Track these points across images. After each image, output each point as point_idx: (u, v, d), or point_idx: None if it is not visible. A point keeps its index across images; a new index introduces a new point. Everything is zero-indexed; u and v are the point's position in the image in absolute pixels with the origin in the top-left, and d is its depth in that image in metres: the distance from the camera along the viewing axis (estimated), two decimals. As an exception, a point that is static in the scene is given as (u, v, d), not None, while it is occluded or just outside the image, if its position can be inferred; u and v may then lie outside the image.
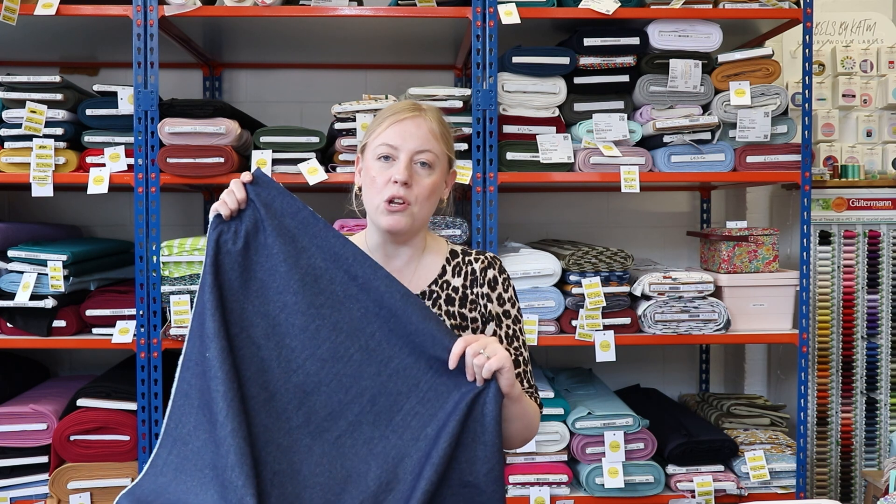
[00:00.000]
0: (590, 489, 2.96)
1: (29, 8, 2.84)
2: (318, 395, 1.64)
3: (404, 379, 1.64)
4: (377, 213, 1.76)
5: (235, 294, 1.65)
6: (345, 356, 1.65)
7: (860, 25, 3.76)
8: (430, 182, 1.75)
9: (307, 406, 1.63)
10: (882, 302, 3.41)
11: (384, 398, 1.64)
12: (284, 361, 1.65)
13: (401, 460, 1.61)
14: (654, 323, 2.98)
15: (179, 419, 1.62)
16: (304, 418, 1.63)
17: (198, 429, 1.59)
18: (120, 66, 3.60)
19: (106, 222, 3.64)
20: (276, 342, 1.65)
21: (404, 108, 1.77)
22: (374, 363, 1.65)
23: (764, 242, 3.13)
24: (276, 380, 1.63)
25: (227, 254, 1.66)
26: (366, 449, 1.62)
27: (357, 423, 1.63)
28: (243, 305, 1.65)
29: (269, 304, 1.66)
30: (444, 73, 3.74)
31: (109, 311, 2.93)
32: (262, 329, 1.65)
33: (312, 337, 1.65)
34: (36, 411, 2.91)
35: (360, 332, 1.65)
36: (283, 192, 1.69)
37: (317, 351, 1.65)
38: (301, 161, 2.91)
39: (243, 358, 1.63)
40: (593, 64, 3.00)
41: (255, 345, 1.64)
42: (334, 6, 2.93)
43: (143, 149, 2.87)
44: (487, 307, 1.83)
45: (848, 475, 3.43)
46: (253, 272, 1.67)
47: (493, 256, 1.88)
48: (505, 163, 2.95)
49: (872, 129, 3.62)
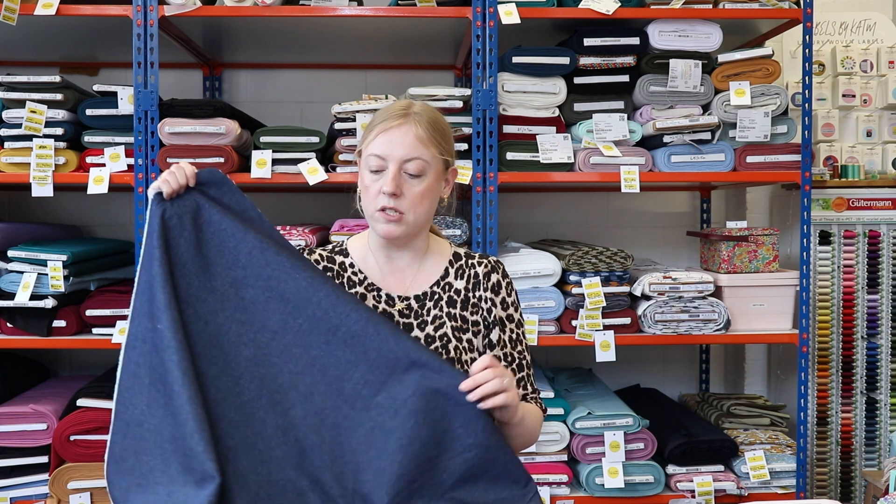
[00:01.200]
0: (590, 489, 2.96)
1: (29, 8, 2.84)
2: (270, 367, 1.63)
3: (352, 347, 1.62)
4: (373, 221, 1.77)
5: (182, 270, 1.64)
6: (293, 326, 1.64)
7: (860, 25, 3.76)
8: (421, 189, 1.75)
9: (259, 379, 1.62)
10: (882, 302, 3.41)
11: (334, 368, 1.63)
12: (234, 335, 1.64)
13: (353, 431, 1.60)
14: (654, 323, 2.98)
15: (129, 401, 1.59)
16: (256, 391, 1.62)
17: (151, 406, 1.57)
18: (120, 66, 3.60)
19: (106, 222, 3.64)
20: (226, 317, 1.64)
21: (392, 115, 1.76)
22: (322, 332, 1.63)
23: (764, 242, 3.13)
24: (226, 354, 1.62)
25: (171, 229, 1.65)
26: (317, 420, 1.61)
27: (308, 394, 1.62)
28: (189, 281, 1.64)
29: (217, 280, 1.65)
30: (444, 73, 3.74)
31: (109, 311, 2.93)
32: (211, 304, 1.64)
33: (262, 309, 1.65)
34: (36, 411, 2.91)
35: (307, 302, 1.64)
36: (228, 181, 1.71)
37: (267, 323, 1.64)
38: (301, 161, 2.91)
39: (191, 334, 1.61)
40: (593, 64, 3.00)
41: (203, 320, 1.63)
42: (334, 6, 2.93)
43: (143, 149, 2.87)
44: (491, 312, 1.83)
45: (848, 475, 3.43)
46: (199, 248, 1.66)
47: (496, 260, 1.88)
48: (505, 163, 2.95)
49: (872, 129, 3.62)
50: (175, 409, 1.54)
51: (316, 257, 1.84)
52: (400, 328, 1.69)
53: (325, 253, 1.85)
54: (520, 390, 1.83)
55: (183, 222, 1.66)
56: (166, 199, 1.67)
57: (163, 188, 1.67)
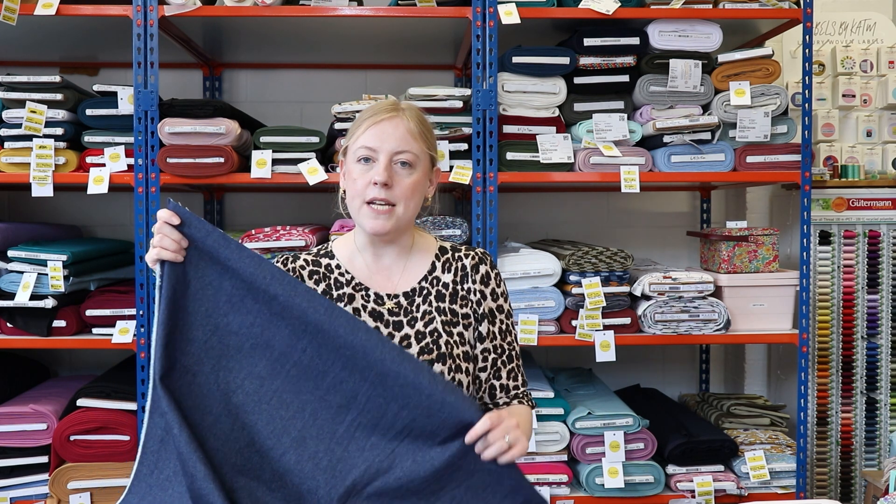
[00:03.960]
0: (590, 489, 2.96)
1: (29, 8, 2.84)
2: (260, 413, 1.62)
3: (342, 392, 1.62)
4: (360, 216, 1.76)
5: (164, 325, 1.62)
6: (281, 372, 1.63)
7: (860, 25, 3.76)
8: (412, 181, 1.75)
9: (250, 426, 1.62)
10: (882, 302, 3.41)
11: (325, 412, 1.62)
12: (223, 383, 1.63)
13: (348, 473, 1.60)
14: (654, 323, 2.98)
15: (156, 464, 1.61)
16: (248, 439, 1.61)
17: (178, 474, 1.58)
18: (120, 66, 3.60)
19: (106, 222, 3.64)
20: (212, 365, 1.63)
21: (382, 109, 1.77)
22: (310, 378, 1.63)
23: (764, 242, 3.13)
24: (217, 403, 1.62)
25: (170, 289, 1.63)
26: (311, 464, 1.61)
27: (301, 438, 1.62)
28: (171, 334, 1.62)
29: (198, 330, 1.63)
30: (444, 73, 3.74)
31: (109, 311, 2.93)
32: (194, 355, 1.62)
33: (248, 356, 1.64)
34: (36, 411, 2.91)
35: (293, 349, 1.63)
36: (197, 218, 1.65)
37: (254, 369, 1.63)
38: (301, 161, 2.91)
39: (180, 388, 1.60)
40: (593, 64, 3.00)
41: (191, 372, 1.62)
42: (334, 6, 2.93)
43: (143, 149, 2.87)
44: (480, 304, 1.83)
45: (848, 475, 3.43)
46: (178, 302, 1.63)
47: (483, 252, 1.88)
48: (505, 163, 2.95)
49: (872, 129, 3.62)
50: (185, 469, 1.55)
51: (301, 262, 1.84)
52: (389, 363, 1.61)
53: (310, 258, 1.85)
54: (510, 382, 1.84)
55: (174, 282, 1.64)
56: (177, 262, 1.63)
57: (165, 257, 1.61)
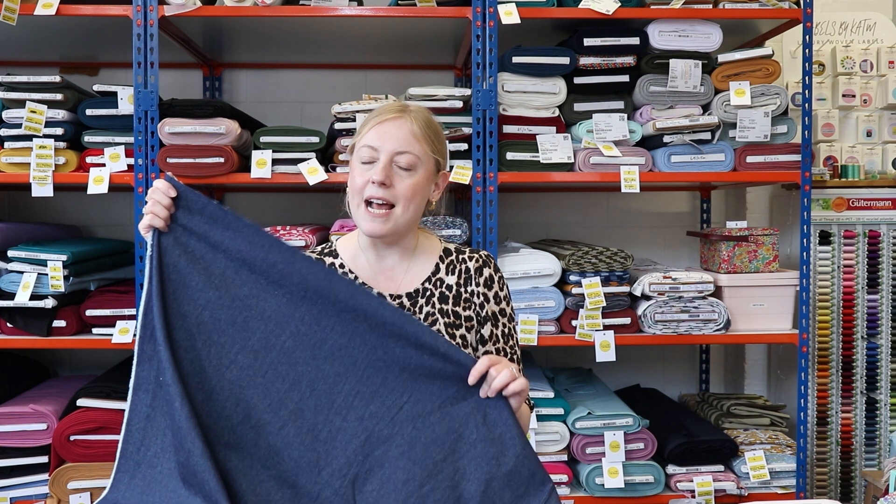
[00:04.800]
0: (590, 489, 2.96)
1: (29, 8, 2.84)
2: (255, 388, 1.60)
3: (340, 359, 1.61)
4: (358, 216, 1.76)
5: (155, 300, 1.60)
6: (277, 344, 1.61)
7: (860, 25, 3.76)
8: (412, 183, 1.74)
9: (245, 401, 1.60)
10: (882, 302, 3.41)
11: (323, 382, 1.61)
12: (215, 358, 1.61)
13: (348, 443, 1.59)
14: (654, 323, 2.98)
15: (142, 442, 1.58)
16: (243, 413, 1.59)
17: (165, 450, 1.56)
18: (120, 66, 3.60)
19: (106, 222, 3.64)
20: (204, 340, 1.61)
21: (388, 110, 1.77)
22: (307, 347, 1.61)
23: (764, 242, 3.13)
24: (209, 379, 1.60)
25: (166, 265, 1.62)
26: (310, 436, 1.59)
27: (298, 410, 1.60)
28: (162, 309, 1.60)
29: (188, 304, 1.61)
30: (444, 73, 3.74)
31: (109, 311, 2.93)
32: (187, 330, 1.61)
33: (241, 329, 1.62)
34: (36, 411, 2.91)
35: (289, 318, 1.61)
36: (192, 191, 1.65)
37: (248, 343, 1.61)
38: (301, 161, 2.91)
39: (177, 362, 1.59)
40: (593, 64, 3.00)
41: (182, 347, 1.60)
42: (334, 6, 2.93)
43: (143, 149, 2.87)
44: (483, 307, 1.83)
45: (848, 475, 3.43)
46: (167, 276, 1.62)
47: (487, 255, 1.88)
48: (505, 163, 2.95)
49: (872, 129, 3.62)
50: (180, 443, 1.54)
51: None
52: (390, 325, 1.62)
53: (313, 256, 1.85)
54: None
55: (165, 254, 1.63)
56: (163, 230, 1.63)
57: (156, 224, 1.62)
